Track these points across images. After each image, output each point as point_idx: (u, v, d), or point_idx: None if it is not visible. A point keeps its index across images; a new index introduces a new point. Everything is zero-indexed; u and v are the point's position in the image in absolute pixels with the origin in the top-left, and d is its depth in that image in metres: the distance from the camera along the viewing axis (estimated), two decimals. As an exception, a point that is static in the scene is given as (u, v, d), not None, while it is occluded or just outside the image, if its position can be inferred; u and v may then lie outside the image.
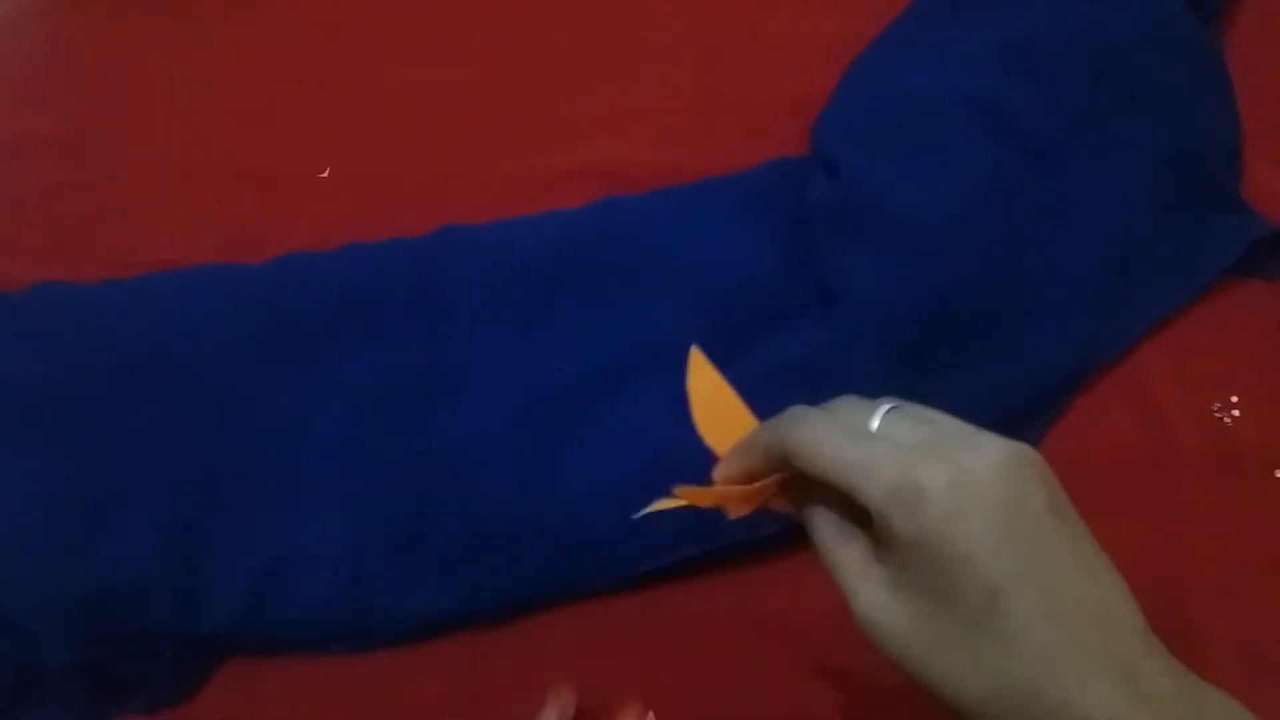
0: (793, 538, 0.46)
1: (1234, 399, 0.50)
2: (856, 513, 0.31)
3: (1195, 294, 0.52)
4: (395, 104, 0.63)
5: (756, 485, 0.33)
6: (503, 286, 0.52)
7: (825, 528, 0.32)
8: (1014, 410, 0.49)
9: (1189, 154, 0.54)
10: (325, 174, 0.60)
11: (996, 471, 0.28)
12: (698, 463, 0.34)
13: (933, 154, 0.52)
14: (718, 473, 0.34)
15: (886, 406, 0.32)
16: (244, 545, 0.47)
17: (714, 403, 0.39)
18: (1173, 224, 0.53)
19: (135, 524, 0.47)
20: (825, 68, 0.60)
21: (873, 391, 0.33)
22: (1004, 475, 0.28)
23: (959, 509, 0.28)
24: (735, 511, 0.34)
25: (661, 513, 0.34)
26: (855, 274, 0.50)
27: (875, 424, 0.31)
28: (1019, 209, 0.51)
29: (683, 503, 0.34)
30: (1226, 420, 0.49)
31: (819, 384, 0.48)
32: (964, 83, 0.54)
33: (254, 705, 0.45)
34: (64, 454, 0.49)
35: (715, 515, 0.35)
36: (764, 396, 0.34)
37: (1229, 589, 0.45)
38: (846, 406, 0.33)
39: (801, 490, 0.33)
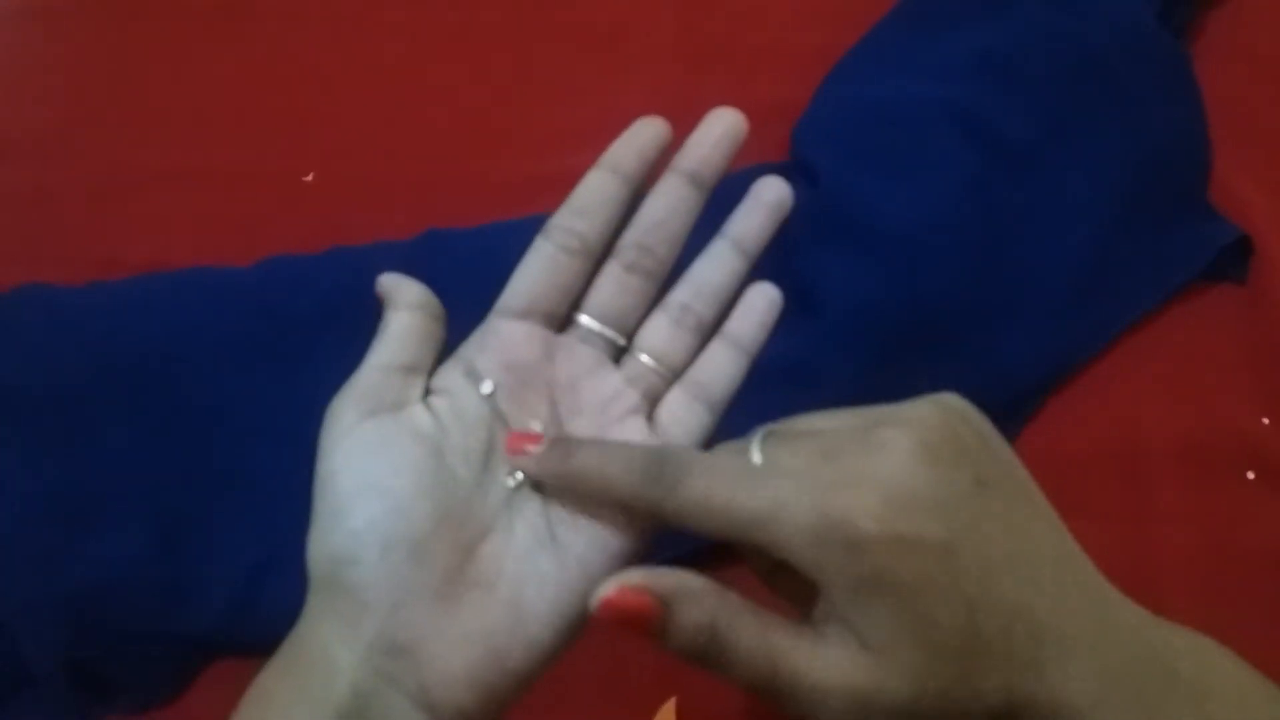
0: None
1: (1205, 402, 0.51)
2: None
3: (1166, 298, 0.53)
4: (381, 108, 0.64)
5: None
6: (488, 290, 0.52)
7: (733, 609, 0.26)
8: (988, 412, 0.49)
9: (1160, 161, 0.55)
10: (310, 178, 0.61)
11: (913, 469, 0.25)
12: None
13: (910, 160, 0.53)
14: (573, 460, 0.29)
15: (760, 434, 0.29)
16: (230, 546, 0.47)
17: None
18: (1144, 230, 0.54)
19: (122, 525, 0.47)
20: (805, 76, 0.60)
21: (850, 394, 0.33)
22: (923, 469, 0.25)
23: (899, 533, 0.24)
24: None
25: None
26: (834, 278, 0.50)
27: (756, 457, 0.28)
28: (994, 215, 0.52)
29: None
30: (1198, 423, 0.50)
31: (796, 386, 0.49)
32: (940, 91, 0.55)
33: (241, 705, 0.46)
34: (50, 455, 0.48)
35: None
36: (742, 399, 0.35)
37: (1201, 591, 0.46)
38: (719, 450, 0.30)
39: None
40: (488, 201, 0.57)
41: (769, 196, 0.35)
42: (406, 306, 0.32)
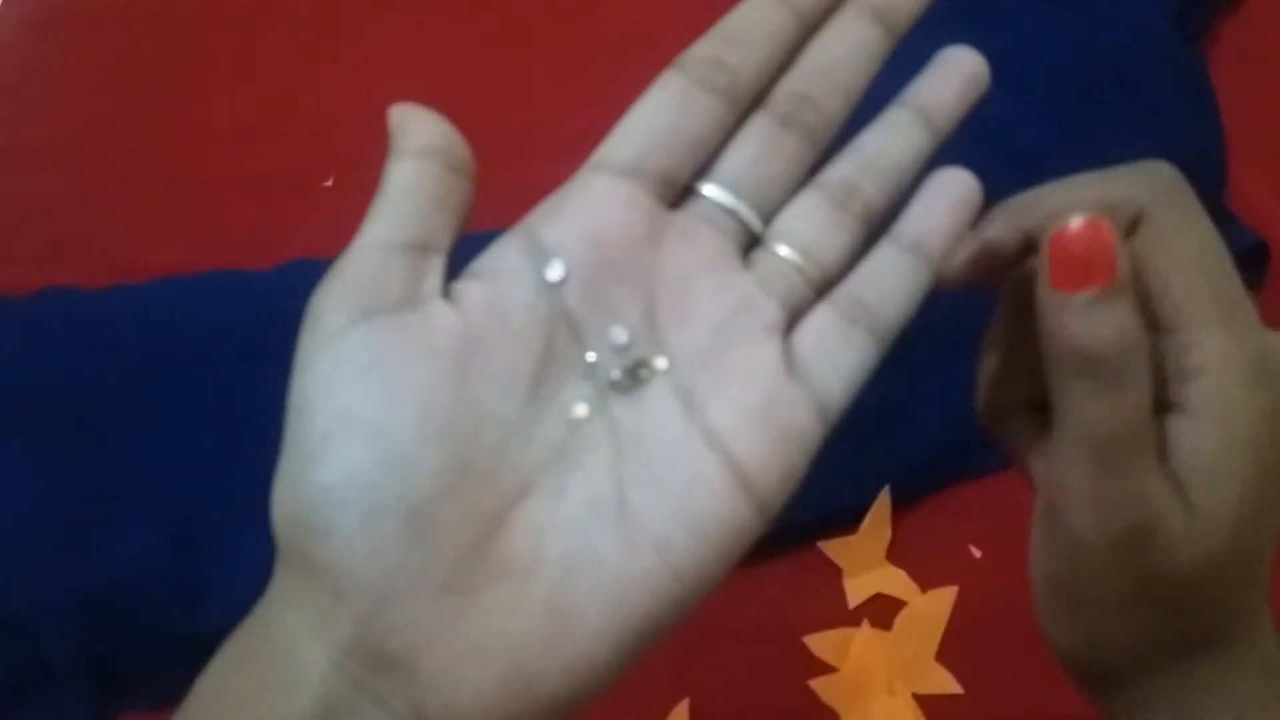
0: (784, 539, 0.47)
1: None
2: None
3: (1181, 304, 0.53)
4: (398, 114, 0.64)
5: None
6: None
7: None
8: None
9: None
10: (329, 183, 0.61)
11: None
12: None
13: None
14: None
15: None
16: (248, 545, 0.46)
17: None
18: (1159, 235, 0.53)
19: (140, 524, 0.47)
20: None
21: (861, 399, 0.32)
22: None
23: None
24: None
25: None
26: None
27: None
28: (1007, 220, 0.52)
29: None
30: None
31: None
32: (953, 95, 0.55)
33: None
34: (69, 455, 0.49)
35: None
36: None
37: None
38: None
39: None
40: (507, 206, 0.57)
41: (966, 65, 0.27)
42: (414, 153, 0.23)
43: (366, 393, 0.20)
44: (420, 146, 0.23)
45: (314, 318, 0.22)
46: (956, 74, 0.26)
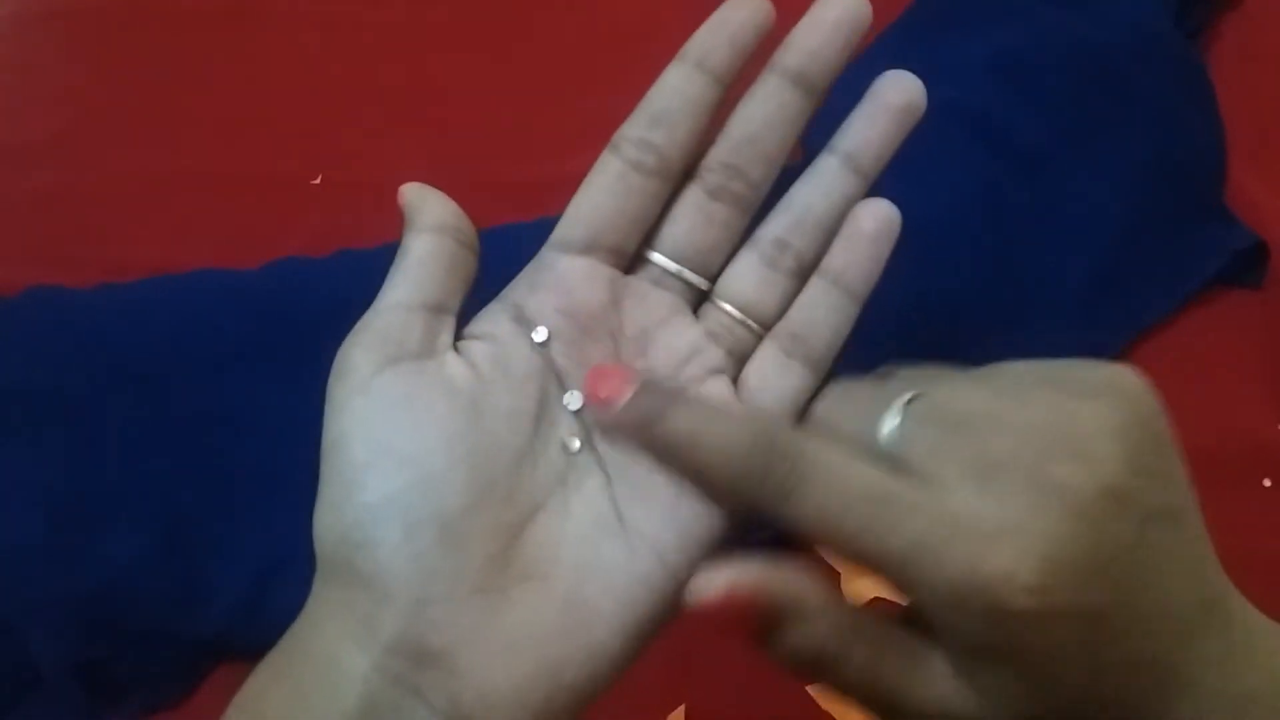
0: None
1: (1220, 409, 0.50)
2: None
3: (1180, 303, 0.53)
4: (387, 111, 0.64)
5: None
6: (495, 292, 0.52)
7: (846, 635, 0.24)
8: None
9: (1175, 165, 0.55)
10: (318, 181, 0.61)
11: (1086, 524, 0.21)
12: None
13: (924, 163, 0.53)
14: (664, 423, 0.24)
15: (900, 401, 0.24)
16: (240, 547, 0.47)
17: None
18: (1159, 234, 0.53)
19: (130, 527, 0.47)
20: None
21: None
22: (1096, 524, 0.21)
23: (1050, 606, 0.21)
24: None
25: None
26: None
27: (890, 427, 0.24)
28: (1008, 218, 0.52)
29: None
30: (1212, 430, 0.50)
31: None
32: (954, 94, 0.55)
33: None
34: (59, 456, 0.49)
35: None
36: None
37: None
38: (853, 412, 0.26)
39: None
40: (495, 204, 0.57)
41: (895, 97, 0.27)
42: (431, 229, 0.26)
43: (398, 426, 0.23)
44: (435, 223, 0.26)
45: (344, 365, 0.25)
46: (884, 112, 0.28)
